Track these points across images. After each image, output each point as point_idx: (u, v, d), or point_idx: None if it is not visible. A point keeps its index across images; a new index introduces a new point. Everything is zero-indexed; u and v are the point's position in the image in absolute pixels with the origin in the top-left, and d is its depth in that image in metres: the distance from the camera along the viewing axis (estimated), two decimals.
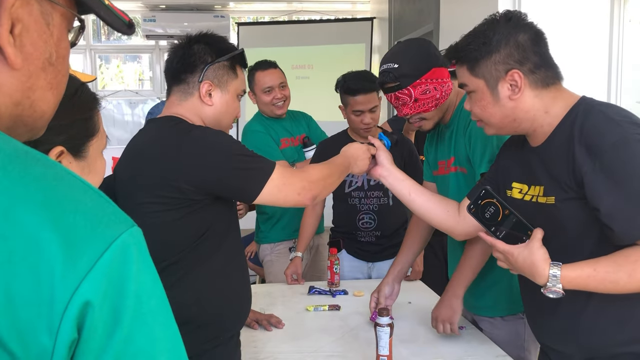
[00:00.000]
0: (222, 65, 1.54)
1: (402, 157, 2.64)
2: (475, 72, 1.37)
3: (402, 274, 2.12)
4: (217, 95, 1.54)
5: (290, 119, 3.06)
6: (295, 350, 1.85)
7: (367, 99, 2.51)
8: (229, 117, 1.60)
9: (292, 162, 2.90)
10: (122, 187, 1.54)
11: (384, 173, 1.70)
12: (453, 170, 1.92)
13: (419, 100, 1.82)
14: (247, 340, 1.92)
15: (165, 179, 1.41)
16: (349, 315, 2.19)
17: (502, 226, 1.32)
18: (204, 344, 1.49)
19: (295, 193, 1.49)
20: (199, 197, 1.42)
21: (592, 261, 1.22)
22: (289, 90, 2.97)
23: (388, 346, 1.65)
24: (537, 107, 1.34)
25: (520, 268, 1.29)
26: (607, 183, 1.20)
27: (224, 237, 1.53)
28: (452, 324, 1.86)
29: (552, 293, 1.23)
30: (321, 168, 1.58)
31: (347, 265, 2.65)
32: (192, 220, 1.45)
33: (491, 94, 1.36)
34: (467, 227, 1.62)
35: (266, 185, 1.43)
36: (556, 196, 1.31)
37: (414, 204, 1.69)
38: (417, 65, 1.81)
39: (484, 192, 1.35)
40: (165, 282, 1.45)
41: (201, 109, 1.54)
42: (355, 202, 2.65)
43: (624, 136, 1.20)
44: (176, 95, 1.55)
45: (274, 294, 2.47)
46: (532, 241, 1.27)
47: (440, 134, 2.00)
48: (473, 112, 1.43)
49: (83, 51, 6.53)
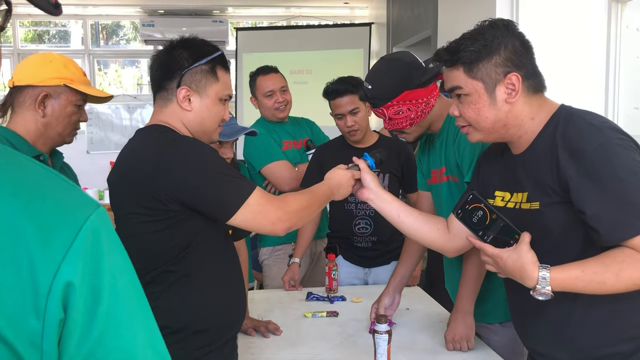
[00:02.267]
0: (200, 69, 1.52)
1: (400, 162, 2.64)
2: (473, 74, 1.36)
3: (402, 284, 2.12)
4: (196, 100, 1.52)
5: (293, 123, 3.09)
6: (292, 357, 1.84)
7: (344, 102, 2.53)
8: (211, 122, 1.57)
9: (295, 163, 2.91)
10: (112, 196, 1.55)
11: (371, 196, 1.69)
12: (445, 180, 1.92)
13: (392, 119, 1.84)
14: (244, 346, 1.92)
15: (148, 190, 1.41)
16: (347, 321, 2.18)
17: (490, 230, 1.33)
18: (196, 351, 1.48)
19: (270, 223, 1.47)
20: (177, 208, 1.42)
21: (579, 263, 1.24)
22: (290, 95, 2.99)
23: (386, 353, 1.64)
24: (526, 113, 1.37)
25: (510, 271, 1.30)
26: (591, 186, 1.22)
27: (214, 245, 1.52)
28: (469, 340, 1.86)
29: (542, 295, 1.24)
30: (301, 199, 1.55)
31: (343, 271, 2.64)
32: (178, 230, 1.44)
33: (488, 96, 1.36)
34: (458, 244, 1.61)
35: (242, 208, 1.42)
36: (541, 201, 1.33)
37: (403, 225, 1.68)
38: (388, 89, 1.81)
39: (472, 197, 1.36)
40: (157, 290, 1.47)
41: (182, 114, 1.52)
42: (351, 208, 2.65)
43: (605, 140, 1.24)
44: (158, 103, 1.55)
45: (271, 300, 2.46)
46: (521, 244, 1.28)
47: (432, 143, 2.00)
48: (465, 116, 1.42)
49: (82, 56, 6.53)
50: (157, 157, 1.42)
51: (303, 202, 1.54)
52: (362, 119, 2.57)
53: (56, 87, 1.61)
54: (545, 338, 1.42)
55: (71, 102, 1.64)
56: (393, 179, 2.64)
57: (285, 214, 1.48)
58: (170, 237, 1.45)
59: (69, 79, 1.62)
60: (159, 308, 1.48)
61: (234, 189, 1.44)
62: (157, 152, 1.43)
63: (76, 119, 1.67)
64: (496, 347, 1.89)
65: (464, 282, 1.86)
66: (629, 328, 1.32)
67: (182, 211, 1.42)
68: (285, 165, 2.86)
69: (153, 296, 1.47)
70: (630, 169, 1.21)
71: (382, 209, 1.69)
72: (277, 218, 1.47)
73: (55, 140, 1.66)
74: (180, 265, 1.47)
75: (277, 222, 1.47)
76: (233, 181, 1.45)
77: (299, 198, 1.55)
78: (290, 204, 1.50)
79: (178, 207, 1.41)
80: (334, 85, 2.58)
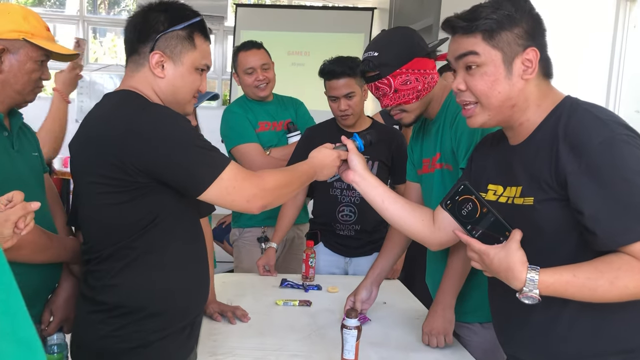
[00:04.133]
0: (176, 35, 1.41)
1: (390, 150, 2.54)
2: (494, 42, 1.26)
3: (381, 277, 2.03)
4: (170, 67, 1.42)
5: (277, 103, 2.96)
6: (257, 346, 1.75)
7: (340, 84, 2.43)
8: (185, 91, 1.47)
9: (268, 146, 2.80)
10: (74, 165, 1.44)
11: (357, 179, 1.59)
12: (438, 167, 1.84)
13: (399, 91, 1.74)
14: (207, 332, 1.83)
15: (112, 159, 1.30)
16: (319, 312, 2.09)
17: (479, 225, 1.24)
18: (151, 334, 1.39)
19: (244, 200, 1.37)
20: (145, 180, 1.32)
21: (571, 266, 1.15)
22: (273, 73, 2.87)
23: (354, 350, 1.55)
24: (534, 96, 1.28)
25: (496, 270, 1.21)
26: (592, 185, 1.13)
27: (178, 223, 1.42)
28: (447, 335, 1.78)
29: (528, 299, 1.15)
30: (279, 176, 1.45)
31: (323, 259, 2.54)
32: (141, 204, 1.34)
33: (505, 69, 1.26)
34: (442, 237, 1.53)
35: (214, 183, 1.32)
36: (535, 197, 1.24)
37: (387, 213, 1.59)
38: (397, 54, 1.72)
39: (463, 188, 1.26)
40: (115, 266, 1.36)
41: (153, 81, 1.42)
42: (336, 193, 2.55)
43: (611, 136, 1.14)
44: (130, 67, 1.45)
45: (244, 285, 2.36)
46: (510, 242, 1.19)
47: (426, 130, 1.91)
48: (474, 89, 1.29)
49: (75, 22, 6.38)
50: (125, 124, 1.31)
51: (281, 180, 1.44)
52: (356, 104, 2.47)
53: (14, 41, 1.49)
54: (527, 345, 1.33)
55: (31, 58, 1.52)
56: (382, 167, 2.54)
57: (261, 191, 1.38)
58: (133, 210, 1.34)
59: (29, 33, 1.50)
60: (116, 286, 1.39)
61: (208, 162, 1.33)
62: (125, 118, 1.32)
63: (37, 77, 1.55)
64: (475, 349, 1.80)
65: (448, 275, 1.78)
66: (618, 341, 1.22)
67: (149, 183, 1.32)
68: (255, 147, 2.75)
69: (110, 273, 1.38)
70: (635, 168, 1.11)
71: (367, 193, 1.59)
72: (252, 195, 1.37)
73: (15, 99, 1.54)
74: (142, 242, 1.37)
75: (252, 199, 1.37)
76: (207, 153, 1.34)
77: (278, 175, 1.45)
78: (267, 180, 1.40)
79: (145, 178, 1.31)
80: (331, 65, 2.47)
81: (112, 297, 1.38)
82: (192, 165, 1.32)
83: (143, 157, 1.29)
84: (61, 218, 1.72)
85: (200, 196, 1.34)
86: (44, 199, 1.62)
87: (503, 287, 1.22)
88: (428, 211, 1.59)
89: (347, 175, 1.61)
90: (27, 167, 1.58)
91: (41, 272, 1.55)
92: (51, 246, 1.52)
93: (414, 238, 1.64)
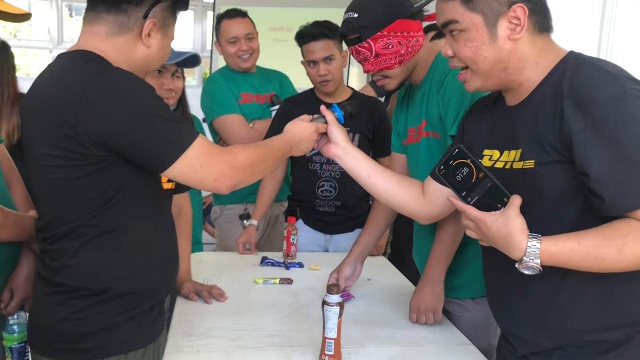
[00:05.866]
0: (167, 5, 1.33)
1: (372, 121, 2.43)
2: (472, 6, 1.17)
3: (364, 253, 1.94)
4: (157, 37, 1.33)
5: (261, 75, 2.86)
6: (233, 327, 1.64)
7: (317, 47, 2.33)
8: (158, 62, 1.40)
9: (252, 119, 2.70)
10: (24, 133, 1.31)
11: (339, 152, 1.48)
12: (424, 136, 1.74)
13: (380, 55, 1.63)
14: (182, 312, 1.73)
15: (64, 128, 1.18)
16: (300, 290, 1.99)
17: (475, 191, 1.15)
18: (116, 316, 1.29)
19: (212, 179, 1.25)
20: (102, 153, 1.20)
21: (576, 234, 1.07)
22: (257, 43, 2.76)
23: (336, 328, 1.45)
24: (530, 55, 1.18)
25: (493, 238, 1.12)
26: (599, 144, 1.04)
27: (142, 199, 1.31)
28: (436, 312, 1.69)
29: (529, 269, 1.08)
30: (252, 152, 1.33)
31: (303, 237, 2.43)
32: (101, 178, 1.22)
33: (489, 32, 1.17)
34: (433, 210, 1.45)
35: (179, 160, 1.20)
36: (536, 159, 1.14)
37: (373, 187, 1.49)
38: (378, 15, 1.60)
39: (457, 151, 1.17)
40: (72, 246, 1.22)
41: (134, 48, 1.31)
42: (315, 168, 2.44)
43: (621, 91, 1.05)
44: (106, 27, 1.29)
45: (221, 264, 2.26)
46: (509, 209, 1.10)
47: (411, 97, 1.81)
48: (460, 55, 1.22)
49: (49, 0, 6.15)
50: (81, 90, 1.17)
51: (253, 157, 1.32)
52: (336, 69, 2.36)
53: None
54: (525, 319, 1.25)
55: None
56: (363, 139, 2.44)
57: (231, 169, 1.26)
58: (91, 186, 1.23)
59: None
60: (75, 266, 1.25)
61: (172, 136, 1.21)
62: (82, 83, 1.18)
63: None
64: (466, 326, 1.72)
65: (436, 247, 1.69)
66: (622, 314, 1.14)
67: (108, 157, 1.20)
68: (237, 119, 2.64)
69: (68, 252, 1.26)
70: None
71: (351, 167, 1.49)
72: (220, 173, 1.25)
73: None
74: (102, 219, 1.26)
75: (221, 177, 1.25)
76: (172, 126, 1.22)
77: (249, 151, 1.33)
78: (239, 158, 1.28)
79: (103, 151, 1.19)
80: (308, 28, 2.37)
81: (71, 278, 1.27)
82: (155, 139, 1.20)
83: (100, 128, 1.17)
84: (20, 191, 1.60)
85: (164, 173, 1.23)
86: None
87: (500, 258, 1.14)
88: (417, 183, 1.50)
89: (329, 149, 1.50)
90: None
91: None
92: (7, 224, 1.40)
93: (403, 212, 1.55)
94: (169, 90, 1.96)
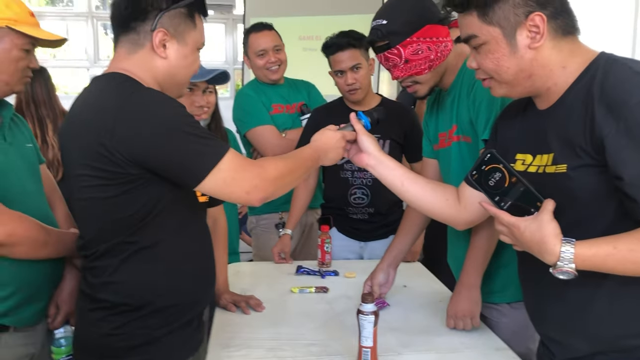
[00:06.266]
0: (179, 12, 1.33)
1: (403, 127, 2.43)
2: (488, 19, 1.17)
3: (398, 259, 1.94)
4: (173, 47, 1.34)
5: (289, 86, 2.90)
6: (272, 336, 1.67)
7: (344, 57, 2.36)
8: (185, 72, 1.39)
9: (284, 129, 2.73)
10: (63, 155, 1.36)
11: (371, 162, 1.48)
12: (455, 140, 1.74)
13: (410, 61, 1.63)
14: (220, 324, 1.76)
15: (99, 149, 1.21)
16: (336, 298, 2.00)
17: (508, 196, 1.15)
18: (156, 330, 1.32)
19: (244, 191, 1.27)
20: (136, 171, 1.23)
21: (611, 238, 1.06)
22: (284, 55, 2.81)
23: (372, 336, 1.46)
24: (555, 60, 1.17)
25: (527, 243, 1.12)
26: (631, 147, 1.03)
27: (177, 215, 1.34)
28: (473, 317, 1.68)
29: (563, 274, 1.07)
30: (281, 164, 1.34)
31: (337, 245, 2.45)
32: (137, 196, 1.26)
33: (508, 43, 1.17)
34: (469, 215, 1.44)
35: (211, 174, 1.22)
36: (568, 163, 1.13)
37: (407, 195, 1.49)
38: (408, 22, 1.61)
39: (490, 156, 1.17)
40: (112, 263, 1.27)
41: (152, 62, 1.33)
42: (347, 176, 2.46)
43: None
44: (124, 47, 1.34)
45: (258, 274, 2.29)
46: (542, 213, 1.10)
47: (441, 102, 1.81)
48: (483, 67, 1.23)
49: (85, 18, 6.34)
50: (114, 112, 1.22)
51: (283, 168, 1.33)
52: (363, 77, 2.38)
53: None
54: (562, 323, 1.24)
55: (17, 46, 1.44)
56: (394, 146, 2.44)
57: (262, 182, 1.28)
58: (128, 204, 1.26)
59: (12, 20, 1.42)
60: (116, 283, 1.29)
61: (204, 151, 1.24)
62: (115, 105, 1.23)
63: (24, 65, 1.48)
64: (503, 331, 1.70)
65: (472, 253, 1.68)
66: None
67: (142, 175, 1.24)
68: (271, 130, 2.68)
69: (108, 270, 1.30)
70: None
71: (384, 176, 1.49)
72: (252, 186, 1.27)
73: (2, 90, 1.47)
74: (139, 236, 1.29)
75: (253, 190, 1.27)
76: (202, 142, 1.24)
77: (279, 163, 1.34)
78: (268, 170, 1.30)
79: (137, 170, 1.22)
80: (334, 38, 2.40)
81: (113, 294, 1.31)
82: (186, 155, 1.23)
83: (133, 147, 1.20)
84: (62, 210, 1.65)
85: (197, 188, 1.25)
86: (40, 192, 1.56)
87: (535, 262, 1.13)
88: (451, 189, 1.49)
89: (360, 158, 1.50)
90: (21, 159, 1.52)
91: (44, 267, 1.51)
92: (49, 242, 1.46)
93: (439, 219, 1.54)
94: (200, 107, 1.99)
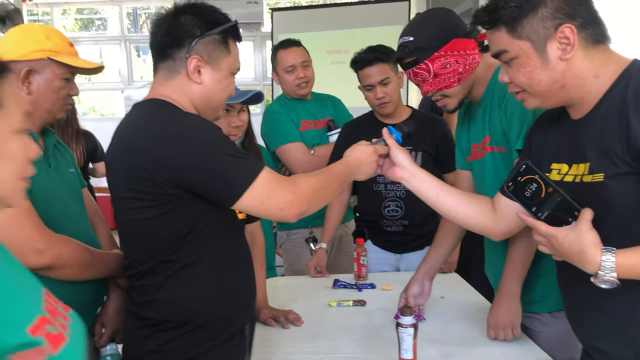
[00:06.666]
0: (213, 39, 1.37)
1: (434, 140, 2.43)
2: (517, 34, 1.19)
3: (433, 270, 1.93)
4: (207, 72, 1.38)
5: (316, 101, 2.92)
6: (312, 350, 1.69)
7: (373, 72, 2.37)
8: (220, 96, 1.43)
9: (312, 145, 2.76)
10: (108, 179, 1.42)
11: (405, 175, 1.50)
12: (489, 151, 1.73)
13: (439, 75, 1.64)
14: (261, 339, 1.78)
15: (140, 172, 1.26)
16: (374, 311, 2.01)
17: (545, 206, 1.15)
18: (200, 346, 1.35)
19: (278, 208, 1.29)
20: (176, 192, 1.27)
21: None
22: (312, 71, 2.84)
23: (412, 349, 1.47)
24: (587, 70, 1.17)
25: (566, 253, 1.11)
26: None
27: (216, 232, 1.37)
28: (514, 328, 1.67)
29: (605, 283, 1.06)
30: (314, 180, 1.36)
31: (372, 258, 2.45)
32: (178, 216, 1.30)
33: (539, 56, 1.18)
34: (505, 226, 1.44)
35: (247, 192, 1.26)
36: (605, 172, 1.13)
37: (443, 207, 1.50)
38: (434, 37, 1.63)
39: (525, 167, 1.18)
40: (156, 281, 1.32)
41: (189, 87, 1.38)
42: (380, 189, 2.46)
43: None
44: (161, 74, 1.40)
45: (295, 288, 2.31)
46: (580, 223, 1.09)
47: (472, 114, 1.81)
48: (516, 81, 1.24)
49: (118, 42, 6.52)
50: (154, 136, 1.27)
51: (316, 184, 1.36)
52: (393, 90, 2.39)
53: (39, 60, 1.48)
54: (606, 333, 1.22)
55: (57, 76, 1.50)
56: (427, 158, 2.44)
57: (297, 199, 1.30)
58: (169, 223, 1.30)
59: (52, 51, 1.49)
60: (160, 300, 1.34)
61: (239, 171, 1.27)
62: (154, 130, 1.28)
63: (65, 94, 1.54)
64: (545, 341, 1.68)
65: (510, 263, 1.67)
66: None
67: (181, 195, 1.28)
68: (300, 147, 2.70)
69: (152, 288, 1.35)
70: None
71: (419, 189, 1.50)
72: (287, 203, 1.29)
73: (45, 118, 1.53)
74: (181, 254, 1.33)
75: (287, 207, 1.30)
76: (238, 162, 1.28)
77: (312, 180, 1.37)
78: (302, 186, 1.32)
79: (176, 190, 1.27)
80: (362, 54, 2.41)
81: (157, 312, 1.35)
82: (223, 175, 1.27)
83: (172, 169, 1.25)
84: (104, 231, 1.71)
85: (234, 206, 1.29)
86: (84, 215, 1.62)
87: (574, 271, 1.13)
88: (487, 200, 1.49)
89: (394, 172, 1.51)
90: (65, 184, 1.57)
91: (89, 288, 1.55)
92: (94, 263, 1.51)
93: (475, 230, 1.54)
94: (237, 127, 2.04)
